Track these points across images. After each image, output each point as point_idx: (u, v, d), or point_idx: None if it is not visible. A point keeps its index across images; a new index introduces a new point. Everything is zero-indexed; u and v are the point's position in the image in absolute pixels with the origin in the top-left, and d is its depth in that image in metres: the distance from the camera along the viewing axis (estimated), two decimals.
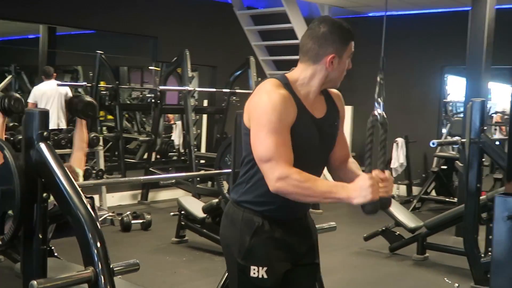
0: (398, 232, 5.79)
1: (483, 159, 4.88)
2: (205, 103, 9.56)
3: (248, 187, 2.25)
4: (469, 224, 4.83)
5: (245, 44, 9.34)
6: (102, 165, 6.49)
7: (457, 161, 5.35)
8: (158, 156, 9.05)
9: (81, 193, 2.33)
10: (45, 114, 2.38)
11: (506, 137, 5.84)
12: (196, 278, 4.88)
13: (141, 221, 6.30)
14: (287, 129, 2.12)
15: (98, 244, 2.26)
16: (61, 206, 2.37)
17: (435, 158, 8.43)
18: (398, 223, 5.66)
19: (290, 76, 2.25)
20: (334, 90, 2.38)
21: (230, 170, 3.37)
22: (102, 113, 9.52)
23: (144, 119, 11.23)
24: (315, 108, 2.25)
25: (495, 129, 9.82)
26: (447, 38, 8.81)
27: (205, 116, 9.43)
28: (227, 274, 2.41)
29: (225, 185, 3.92)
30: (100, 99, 8.44)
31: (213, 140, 8.96)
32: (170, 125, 10.70)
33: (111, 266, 2.25)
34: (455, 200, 7.74)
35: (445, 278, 4.96)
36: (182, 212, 5.76)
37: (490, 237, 5.07)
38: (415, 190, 8.66)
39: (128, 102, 11.33)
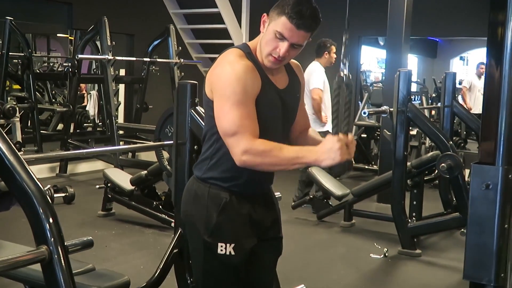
0: (325, 200, 5.89)
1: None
2: (122, 72, 9.28)
3: (213, 163, 2.19)
4: (396, 191, 4.98)
5: (163, 11, 9.12)
6: (19, 137, 6.18)
7: (385, 130, 5.46)
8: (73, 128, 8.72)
9: (27, 165, 2.18)
10: None
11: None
12: (128, 251, 4.77)
13: (63, 194, 6.06)
14: (252, 101, 2.06)
15: (51, 220, 2.12)
16: (5, 180, 2.20)
17: (354, 127, 8.61)
18: (326, 191, 5.75)
19: (252, 44, 2.19)
20: (293, 61, 2.33)
21: (172, 142, 3.26)
22: (7, 82, 9.04)
23: (54, 89, 10.80)
24: (278, 79, 2.20)
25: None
26: (363, 8, 8.95)
27: (122, 86, 9.15)
28: (190, 251, 2.32)
29: (165, 157, 3.80)
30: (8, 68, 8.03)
31: (132, 111, 8.71)
32: (81, 95, 10.34)
33: (65, 244, 2.14)
34: (375, 167, 7.99)
35: (375, 244, 5.10)
36: (109, 184, 5.60)
37: (415, 202, 5.29)
38: None
39: (38, 71, 10.82)
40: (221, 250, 2.16)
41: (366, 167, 8.25)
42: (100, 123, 9.01)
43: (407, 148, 5.05)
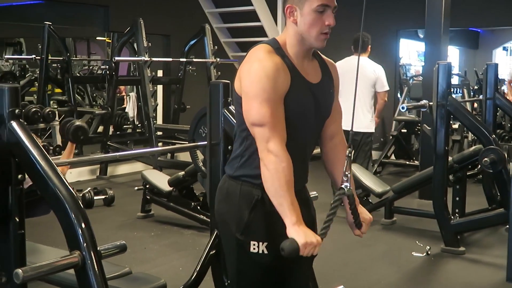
0: (365, 197, 5.80)
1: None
2: (159, 73, 9.33)
3: (244, 160, 2.15)
4: (438, 187, 4.86)
5: (199, 11, 9.13)
6: (59, 140, 6.25)
7: (424, 125, 5.33)
8: (112, 130, 8.80)
9: (60, 171, 2.18)
10: (15, 90, 2.20)
11: None
12: (167, 252, 4.77)
13: (103, 196, 6.12)
14: (281, 100, 2.03)
15: (83, 225, 2.12)
16: (39, 186, 2.21)
17: (394, 122, 8.47)
18: (365, 189, 5.66)
19: (280, 39, 2.15)
20: (329, 60, 2.29)
21: (205, 143, 3.24)
22: (49, 86, 9.19)
23: (94, 92, 10.93)
24: (309, 73, 2.16)
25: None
26: (400, 1, 8.80)
27: (160, 87, 9.20)
28: (224, 251, 2.29)
29: (200, 158, 3.78)
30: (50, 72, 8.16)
31: (170, 111, 8.75)
32: (121, 97, 10.44)
33: (98, 249, 2.13)
34: (415, 163, 7.85)
35: (417, 241, 4.99)
36: (147, 186, 5.62)
37: (457, 198, 5.16)
38: (375, 154, 8.70)
39: (78, 74, 10.96)
40: (254, 249, 2.12)
41: (407, 162, 8.11)
42: (139, 125, 9.07)
43: (448, 143, 4.92)
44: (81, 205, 2.17)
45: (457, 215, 5.10)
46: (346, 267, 4.48)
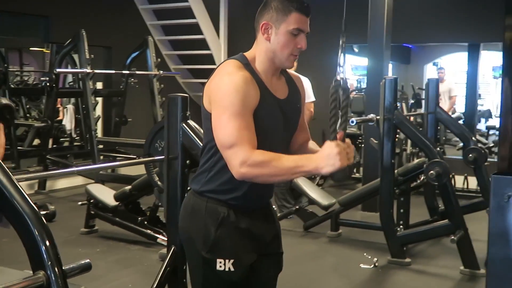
0: (310, 210, 5.85)
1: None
2: (99, 85, 9.14)
3: (211, 176, 2.13)
4: (385, 199, 4.95)
5: (140, 23, 9.04)
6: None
7: (371, 138, 5.43)
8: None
9: (21, 187, 2.09)
10: None
11: None
12: (115, 269, 4.65)
13: (44, 212, 5.91)
14: (250, 113, 2.01)
15: (47, 243, 2.04)
16: None
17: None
18: (312, 201, 5.70)
19: (248, 55, 2.15)
20: (294, 73, 2.32)
21: (163, 157, 3.19)
22: None
23: (28, 104, 10.60)
24: (277, 89, 2.16)
25: None
26: (339, 17, 8.94)
27: (100, 99, 9.02)
28: (188, 268, 2.25)
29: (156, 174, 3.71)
30: None
31: (111, 124, 8.58)
32: (56, 109, 10.16)
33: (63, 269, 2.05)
34: (357, 175, 7.99)
35: (365, 254, 5.06)
36: (91, 200, 5.48)
37: (402, 210, 5.27)
38: None
39: (12, 86, 10.61)
40: (220, 267, 2.10)
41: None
42: (77, 137, 8.86)
43: (394, 156, 5.03)
44: (44, 221, 2.09)
45: (401, 226, 5.22)
46: (298, 280, 4.49)
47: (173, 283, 3.22)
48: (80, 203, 5.61)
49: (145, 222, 5.21)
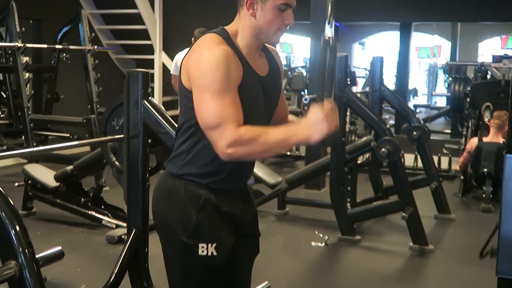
0: (255, 188, 5.78)
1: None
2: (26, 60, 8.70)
3: (190, 158, 2.00)
4: (336, 177, 4.93)
5: None
6: None
7: None
8: None
9: None
10: None
11: None
12: None
13: None
14: (234, 88, 1.89)
15: (18, 229, 1.87)
16: None
17: None
18: (259, 180, 5.63)
19: (230, 29, 2.01)
20: (271, 46, 2.19)
21: (121, 136, 3.02)
22: None
23: None
24: (259, 66, 2.05)
25: None
26: None
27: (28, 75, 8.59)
28: (165, 255, 2.09)
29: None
30: None
31: (41, 101, 8.19)
32: None
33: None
34: (297, 153, 8.00)
35: (316, 232, 5.04)
36: (29, 181, 5.20)
37: (349, 188, 5.29)
38: None
39: None
40: (203, 252, 1.99)
41: (288, 153, 8.22)
42: (2, 115, 8.42)
43: (345, 134, 5.02)
44: (15, 207, 1.92)
45: (349, 204, 5.24)
46: None
47: (134, 268, 3.08)
48: (17, 184, 5.31)
49: (89, 203, 5.00)
